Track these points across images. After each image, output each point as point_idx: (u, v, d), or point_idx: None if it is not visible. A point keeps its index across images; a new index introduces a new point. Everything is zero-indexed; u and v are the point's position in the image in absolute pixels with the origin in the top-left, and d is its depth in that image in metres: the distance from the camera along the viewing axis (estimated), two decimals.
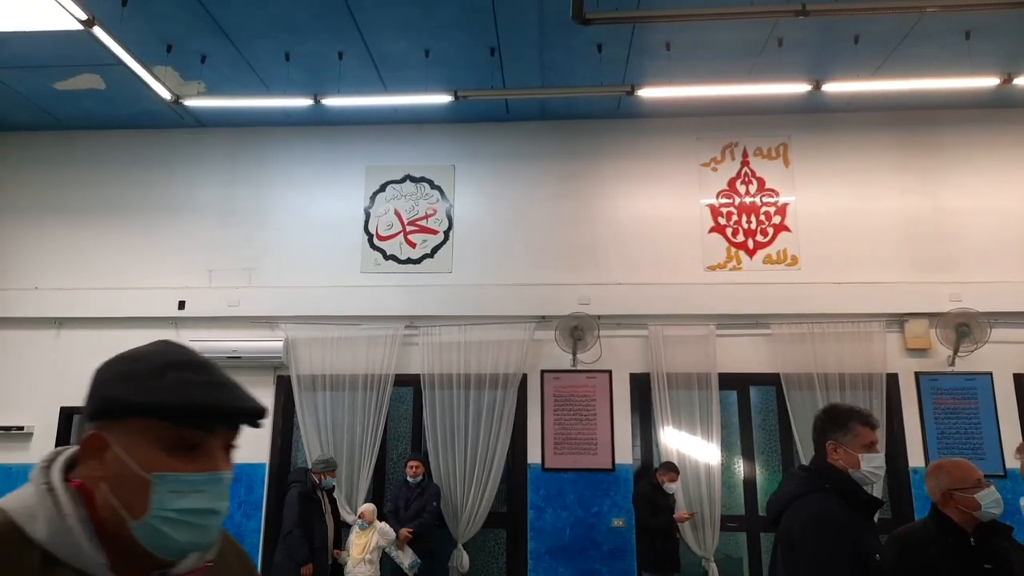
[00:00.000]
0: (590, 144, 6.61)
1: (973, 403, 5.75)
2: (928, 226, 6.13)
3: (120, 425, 0.93)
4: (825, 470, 2.25)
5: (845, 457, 2.24)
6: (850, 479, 2.22)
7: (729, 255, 6.29)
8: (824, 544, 2.07)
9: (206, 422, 0.94)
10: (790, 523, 2.17)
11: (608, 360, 6.12)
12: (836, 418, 2.30)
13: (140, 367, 0.96)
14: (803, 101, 6.13)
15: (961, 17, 5.00)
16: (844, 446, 2.25)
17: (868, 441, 2.25)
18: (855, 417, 2.28)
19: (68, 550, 0.89)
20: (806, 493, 2.20)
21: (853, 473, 2.23)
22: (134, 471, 0.92)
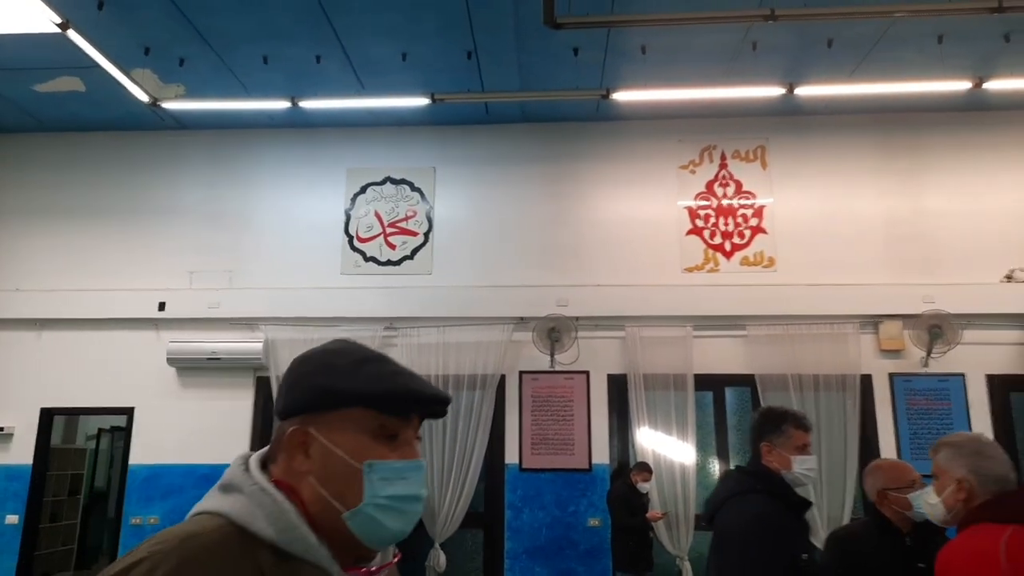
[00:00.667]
0: (570, 147, 6.65)
1: (946, 404, 5.81)
2: (905, 228, 6.18)
3: (324, 417, 0.96)
4: (759, 471, 2.31)
5: (778, 459, 2.30)
6: (782, 480, 2.28)
7: (706, 257, 6.34)
8: (765, 544, 2.12)
9: (408, 410, 0.98)
10: (724, 522, 2.23)
11: (586, 361, 6.17)
12: (771, 420, 2.36)
13: (339, 360, 0.99)
14: (780, 104, 6.18)
15: (933, 22, 5.05)
16: (778, 448, 2.30)
17: (801, 443, 2.30)
18: (789, 419, 2.33)
19: (300, 545, 0.91)
20: (740, 493, 2.25)
21: (785, 475, 2.28)
22: (344, 461, 0.94)
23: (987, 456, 1.85)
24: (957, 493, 1.85)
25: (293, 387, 0.99)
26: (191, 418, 6.12)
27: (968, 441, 1.93)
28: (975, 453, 1.86)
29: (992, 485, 1.81)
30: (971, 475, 1.84)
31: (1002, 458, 1.86)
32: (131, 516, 6.02)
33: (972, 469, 1.84)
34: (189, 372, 6.23)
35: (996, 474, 1.83)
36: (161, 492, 6.02)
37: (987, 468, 1.83)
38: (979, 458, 1.85)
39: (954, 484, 1.85)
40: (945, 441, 1.98)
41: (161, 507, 6.00)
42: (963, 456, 1.87)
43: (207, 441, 6.05)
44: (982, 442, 1.91)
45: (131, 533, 5.96)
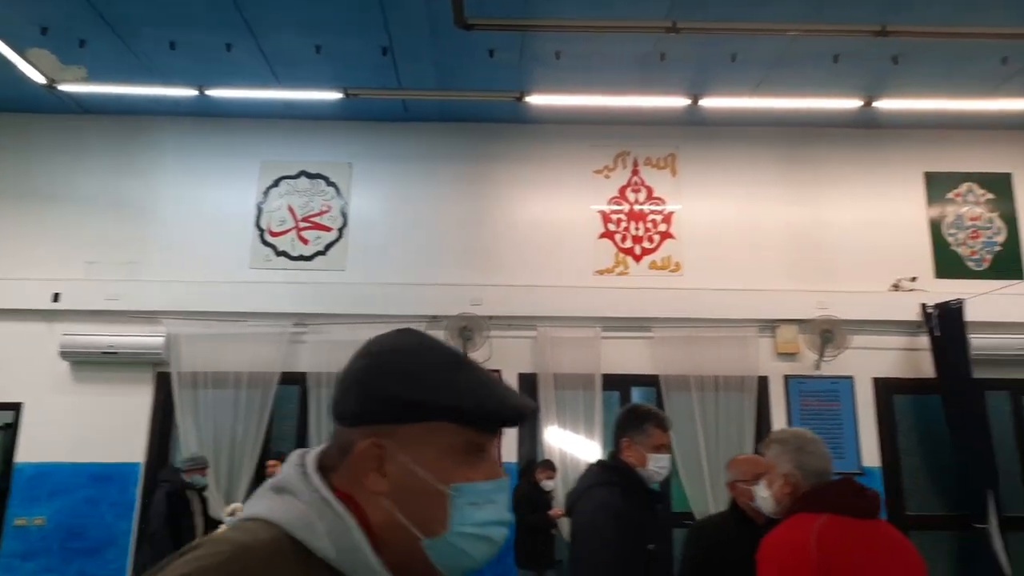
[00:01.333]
0: (488, 147, 6.70)
1: (836, 405, 6.12)
2: (802, 237, 6.48)
3: (403, 431, 0.83)
4: (617, 465, 2.40)
5: (636, 455, 2.39)
6: (637, 475, 2.37)
7: (617, 260, 6.49)
8: (602, 531, 2.20)
9: (496, 424, 0.87)
10: (579, 512, 2.30)
11: (497, 360, 6.21)
12: (635, 418, 2.45)
13: (422, 367, 0.86)
14: (690, 114, 6.39)
15: (829, 43, 5.31)
16: (637, 444, 2.40)
17: (659, 443, 2.41)
18: (651, 419, 2.43)
19: (362, 570, 0.80)
20: (596, 486, 2.33)
21: (640, 470, 2.37)
22: (428, 483, 0.83)
23: (809, 452, 1.98)
24: (784, 487, 1.96)
25: (366, 392, 0.86)
26: (84, 415, 5.86)
27: (793, 437, 2.05)
28: (799, 449, 1.98)
29: (813, 478, 1.93)
30: (796, 470, 1.96)
31: (822, 453, 1.99)
32: (15, 517, 5.72)
33: (797, 464, 1.96)
34: (84, 366, 5.96)
35: (816, 468, 1.95)
36: (48, 492, 5.74)
37: (809, 463, 1.95)
38: (802, 454, 1.97)
39: (781, 478, 1.97)
40: (773, 438, 2.10)
41: (48, 507, 5.72)
42: (789, 452, 1.99)
43: (101, 439, 5.80)
44: (805, 438, 2.03)
45: (13, 535, 5.66)
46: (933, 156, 6.59)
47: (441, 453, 0.84)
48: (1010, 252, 6.42)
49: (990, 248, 6.44)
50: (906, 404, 6.18)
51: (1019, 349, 5.98)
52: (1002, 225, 6.48)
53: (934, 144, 6.60)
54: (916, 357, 6.15)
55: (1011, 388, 6.12)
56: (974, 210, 6.51)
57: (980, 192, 6.54)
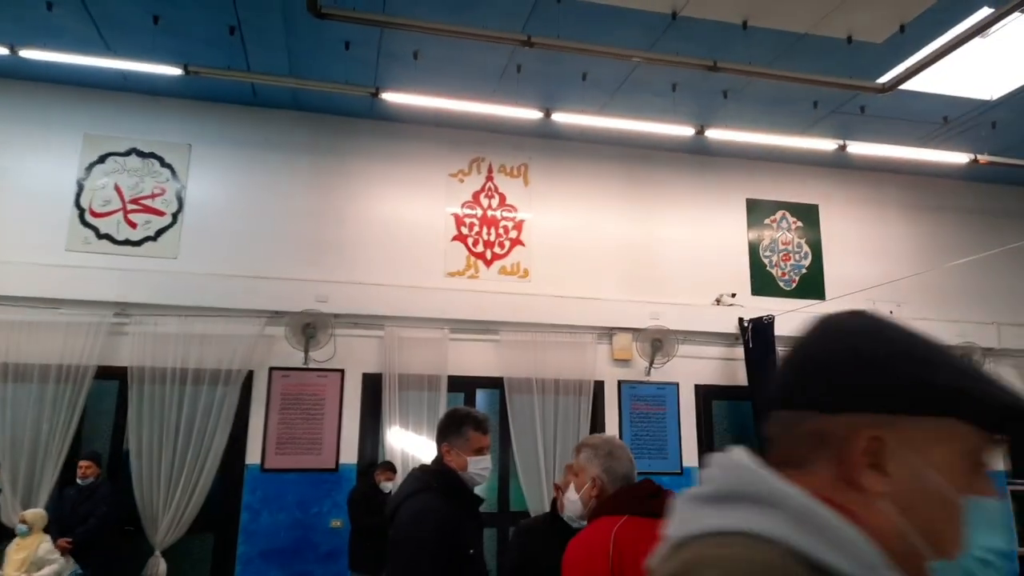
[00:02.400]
0: (342, 141, 6.55)
1: (662, 409, 6.58)
2: (639, 251, 6.90)
3: (908, 424, 0.69)
4: (439, 470, 2.43)
5: (456, 459, 2.43)
6: (459, 479, 2.41)
7: (468, 263, 6.58)
8: (424, 537, 2.22)
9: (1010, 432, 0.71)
10: (399, 519, 2.31)
11: (342, 359, 6.08)
12: (453, 422, 2.50)
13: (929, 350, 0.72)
14: (542, 127, 6.61)
15: (668, 73, 5.71)
16: (457, 448, 2.44)
17: (479, 446, 2.46)
18: (470, 422, 2.48)
19: None
20: (417, 491, 2.35)
21: (463, 474, 2.42)
22: (942, 489, 0.68)
23: (616, 457, 2.09)
24: (591, 490, 2.07)
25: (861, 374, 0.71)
26: None
27: (603, 443, 2.16)
28: (608, 454, 2.10)
29: (620, 482, 2.05)
30: (603, 473, 2.06)
31: (628, 458, 2.11)
32: None
33: (604, 468, 2.07)
34: None
35: (621, 472, 2.07)
36: None
37: (616, 467, 2.07)
38: (610, 459, 2.08)
39: (590, 482, 2.08)
40: (585, 442, 2.20)
41: None
42: (599, 457, 2.10)
43: None
44: (614, 444, 2.16)
45: None
46: (754, 184, 7.28)
47: (951, 457, 0.70)
48: (814, 275, 7.22)
49: (798, 271, 7.21)
50: (723, 409, 6.76)
51: None
52: (809, 251, 7.28)
53: (756, 174, 7.30)
54: (732, 367, 6.75)
55: None
56: (786, 236, 7.26)
57: (792, 220, 7.30)
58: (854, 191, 7.48)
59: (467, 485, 2.43)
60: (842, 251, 7.32)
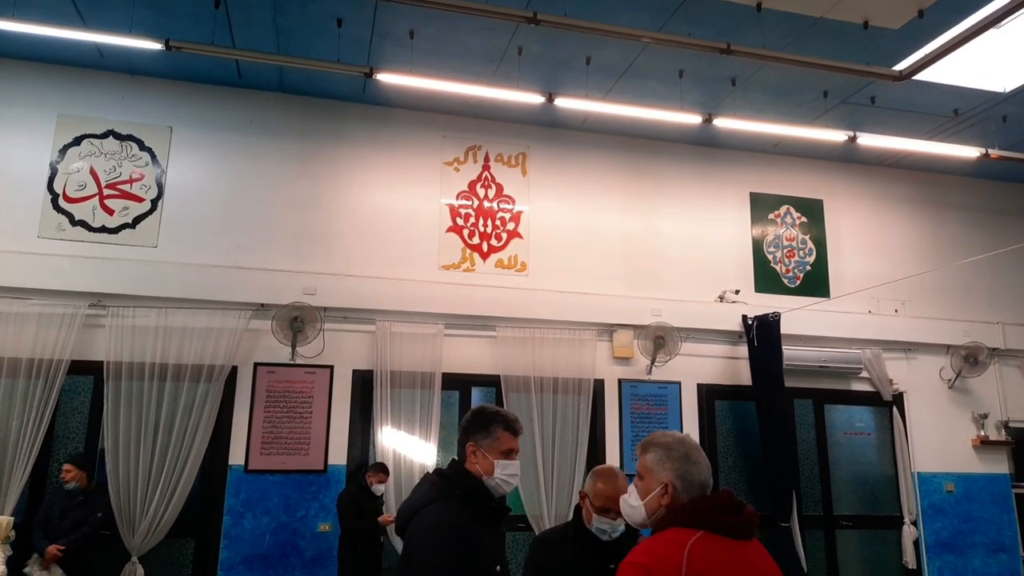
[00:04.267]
0: (332, 126, 6.25)
1: (664, 409, 6.35)
2: (641, 245, 6.67)
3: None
4: (458, 475, 2.16)
5: (482, 461, 2.16)
6: (481, 485, 2.14)
7: (464, 256, 6.31)
8: (441, 554, 1.95)
9: None
10: (414, 531, 2.04)
11: (331, 355, 5.80)
12: (481, 420, 2.22)
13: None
14: (542, 115, 6.37)
15: (675, 58, 5.48)
16: (483, 450, 2.16)
17: (507, 447, 2.18)
18: (499, 421, 2.20)
19: None
20: (433, 500, 2.08)
21: (487, 480, 2.15)
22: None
23: (693, 462, 1.80)
24: (662, 497, 1.79)
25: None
26: None
27: (677, 443, 1.86)
28: (684, 457, 1.81)
29: (695, 491, 1.77)
30: (677, 479, 1.78)
31: (705, 464, 1.82)
32: None
33: (679, 474, 1.79)
34: None
35: (699, 480, 1.78)
36: None
37: (692, 474, 1.78)
38: (686, 463, 1.80)
39: (660, 487, 1.80)
40: (654, 441, 1.90)
41: None
42: (672, 459, 1.81)
43: None
44: (689, 446, 1.86)
45: None
46: (758, 178, 7.07)
47: None
48: (819, 272, 7.02)
49: (802, 267, 7.01)
50: (726, 409, 6.54)
51: (823, 361, 6.54)
52: (813, 247, 7.08)
53: (760, 167, 7.09)
54: (736, 365, 6.53)
55: (814, 397, 6.68)
56: (790, 231, 7.06)
57: (796, 215, 7.10)
58: (859, 186, 7.30)
59: (491, 492, 2.16)
60: (847, 248, 7.13)
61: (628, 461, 6.13)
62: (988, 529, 6.70)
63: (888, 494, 6.65)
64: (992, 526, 6.71)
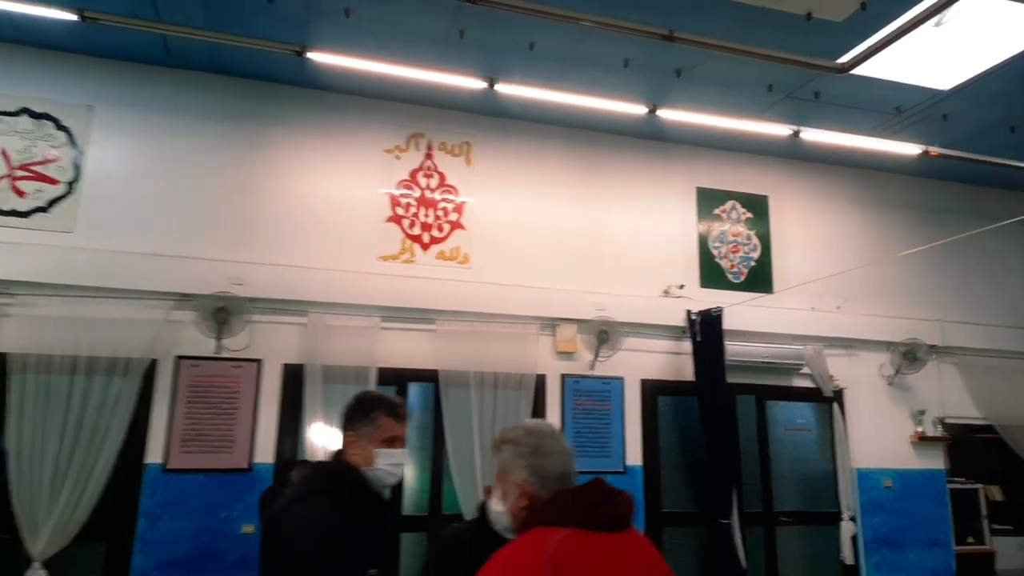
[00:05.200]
0: (266, 109, 5.98)
1: (606, 405, 6.24)
2: (586, 239, 6.55)
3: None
4: (334, 468, 1.98)
5: (362, 452, 1.98)
6: (361, 478, 1.96)
7: (404, 247, 6.10)
8: (311, 552, 1.77)
9: None
10: (282, 529, 1.85)
11: (260, 348, 5.54)
12: (361, 407, 2.05)
13: None
14: (487, 103, 6.20)
15: (620, 46, 5.36)
16: (363, 439, 1.99)
17: (390, 435, 2.01)
18: (381, 407, 2.03)
19: None
20: (302, 496, 1.89)
21: (368, 471, 1.97)
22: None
23: (545, 453, 1.63)
24: (519, 499, 1.62)
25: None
26: None
27: (527, 436, 1.69)
28: (534, 451, 1.64)
29: (554, 484, 1.60)
30: (532, 476, 1.61)
31: (561, 452, 1.65)
32: None
33: (533, 470, 1.62)
34: None
35: (556, 472, 1.61)
36: None
37: (547, 467, 1.61)
38: (538, 456, 1.63)
39: (515, 490, 1.63)
40: (504, 438, 1.73)
41: None
42: (523, 456, 1.65)
43: None
44: (542, 434, 1.69)
45: None
46: (705, 173, 7.02)
47: None
48: (763, 268, 7.01)
49: (747, 263, 6.98)
50: (669, 405, 6.47)
51: (766, 357, 6.51)
52: (758, 243, 7.06)
53: (707, 162, 7.04)
54: (680, 360, 6.46)
55: (756, 393, 6.65)
56: (736, 227, 7.03)
57: (742, 211, 7.08)
58: (804, 182, 7.32)
59: (372, 485, 1.98)
60: (791, 244, 7.13)
61: None
62: (924, 524, 6.77)
63: (828, 490, 6.66)
64: (928, 521, 6.79)
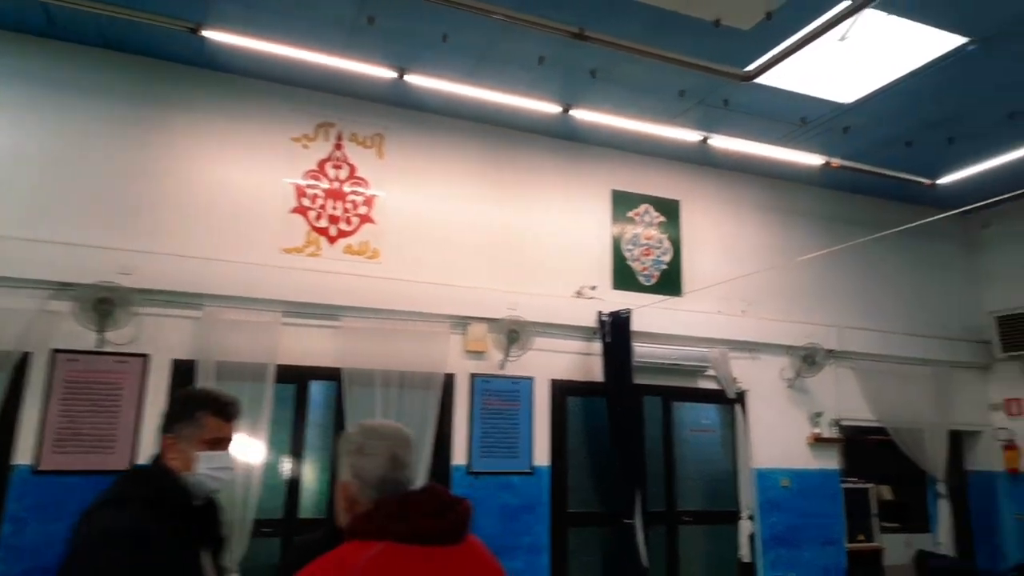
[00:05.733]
0: (164, 90, 5.64)
1: (515, 405, 6.18)
2: (500, 237, 6.47)
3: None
4: (148, 473, 1.80)
5: (181, 455, 1.81)
6: (175, 484, 1.79)
7: (309, 239, 5.87)
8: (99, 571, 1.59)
9: None
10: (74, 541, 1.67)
11: (148, 342, 5.21)
12: (182, 406, 1.87)
13: None
14: (400, 95, 6.04)
15: (536, 44, 5.30)
16: (184, 440, 1.82)
17: (214, 436, 1.85)
18: (206, 405, 1.87)
19: None
20: (105, 503, 1.71)
21: (187, 476, 1.80)
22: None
23: (367, 454, 1.49)
24: (342, 502, 1.50)
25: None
26: None
27: (357, 433, 1.55)
28: (357, 450, 1.51)
29: (372, 491, 1.47)
30: (353, 479, 1.49)
31: (385, 456, 1.50)
32: None
33: (354, 471, 1.50)
34: None
35: (374, 477, 1.47)
36: None
37: (366, 469, 1.47)
38: (359, 456, 1.49)
39: (340, 491, 1.51)
40: (346, 433, 1.62)
41: None
42: (348, 454, 1.52)
43: None
44: (373, 431, 1.54)
45: None
46: (620, 176, 7.06)
47: None
48: (674, 272, 7.11)
49: (659, 266, 7.06)
50: (578, 405, 6.47)
51: (672, 359, 6.60)
52: (669, 247, 7.16)
53: (622, 165, 7.08)
54: (590, 361, 6.47)
55: (663, 394, 6.74)
56: (649, 231, 7.10)
57: (655, 214, 7.16)
58: (715, 189, 7.46)
59: (190, 492, 1.80)
60: (701, 248, 7.26)
61: (476, 459, 5.92)
62: (819, 523, 7.02)
63: (729, 490, 6.81)
64: (822, 520, 7.04)
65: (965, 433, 8.08)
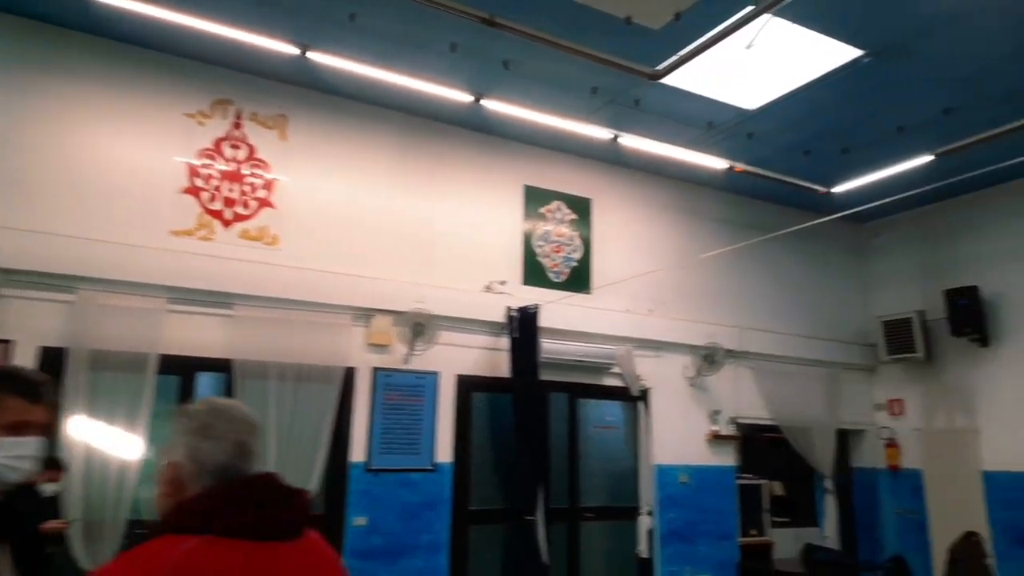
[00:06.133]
0: (43, 53, 5.17)
1: (419, 400, 6.02)
2: (410, 228, 6.30)
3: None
4: None
5: None
6: None
7: (201, 222, 5.52)
8: None
9: None
10: None
11: (12, 327, 4.76)
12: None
13: None
14: (305, 75, 5.78)
15: (449, 32, 5.16)
16: None
17: (17, 419, 1.63)
18: (9, 386, 1.65)
19: None
20: None
21: None
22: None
23: (211, 436, 1.33)
24: (164, 484, 1.33)
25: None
26: None
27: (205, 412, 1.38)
28: (200, 429, 1.34)
29: (208, 478, 1.31)
30: (185, 460, 1.33)
31: (233, 439, 1.34)
32: None
33: (190, 452, 1.33)
34: None
35: (215, 463, 1.31)
36: None
37: (205, 453, 1.31)
38: (201, 437, 1.33)
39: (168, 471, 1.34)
40: (186, 407, 1.45)
41: None
42: (187, 432, 1.34)
43: None
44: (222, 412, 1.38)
45: None
46: (533, 172, 7.02)
47: None
48: (583, 269, 7.13)
49: (569, 263, 7.07)
50: (483, 401, 6.38)
51: (579, 356, 6.62)
52: (580, 244, 7.18)
53: (535, 160, 7.05)
54: (497, 357, 6.39)
55: (569, 391, 6.74)
56: (560, 228, 7.09)
57: (567, 211, 7.16)
58: (625, 188, 7.54)
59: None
60: (611, 247, 7.32)
61: (376, 455, 5.73)
62: (714, 518, 7.20)
63: (631, 486, 6.89)
64: (718, 515, 7.23)
65: (851, 432, 8.50)
